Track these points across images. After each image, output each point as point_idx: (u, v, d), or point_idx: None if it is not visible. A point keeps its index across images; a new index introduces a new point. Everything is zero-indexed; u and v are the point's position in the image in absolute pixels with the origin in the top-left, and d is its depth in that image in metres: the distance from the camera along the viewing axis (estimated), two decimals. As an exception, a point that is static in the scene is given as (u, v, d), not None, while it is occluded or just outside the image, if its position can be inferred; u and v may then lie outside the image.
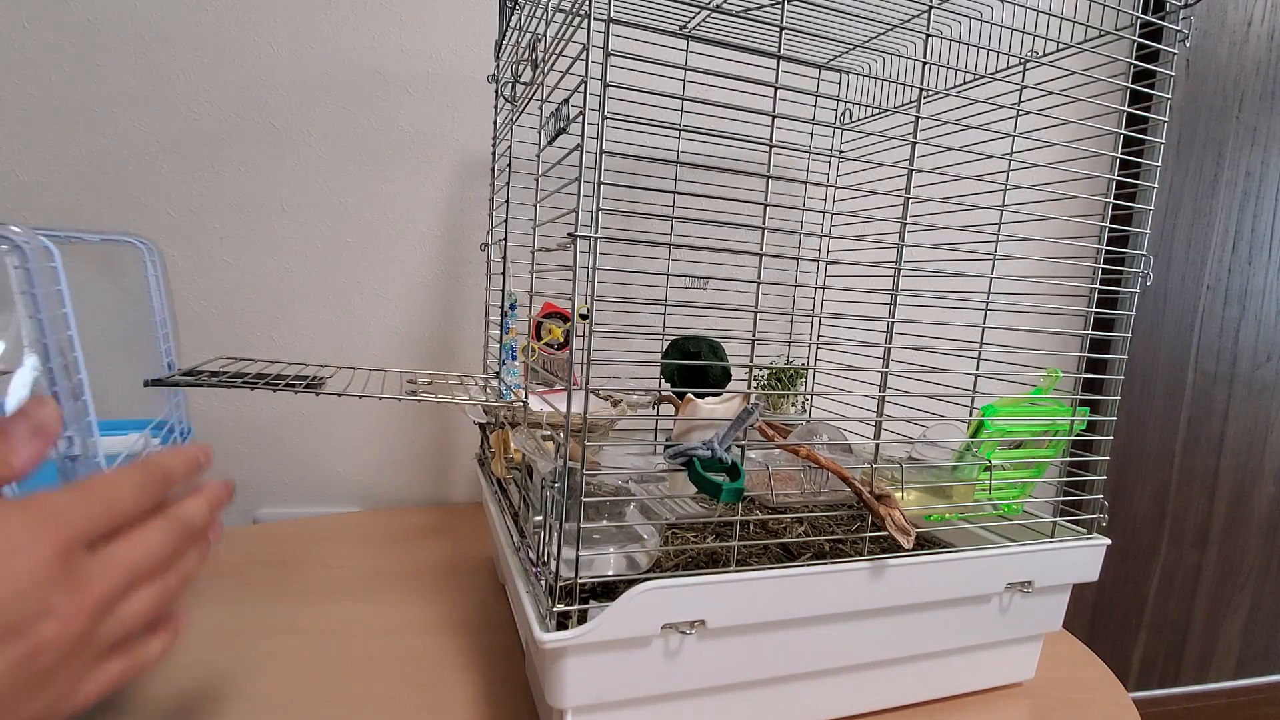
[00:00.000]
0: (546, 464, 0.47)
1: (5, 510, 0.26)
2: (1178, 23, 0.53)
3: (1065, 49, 0.57)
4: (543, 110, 0.51)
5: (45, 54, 0.77)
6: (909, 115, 0.49)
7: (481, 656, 0.57)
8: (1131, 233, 0.54)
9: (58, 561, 0.26)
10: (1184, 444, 1.39)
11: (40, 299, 0.33)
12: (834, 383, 0.78)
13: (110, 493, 0.29)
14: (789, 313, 0.93)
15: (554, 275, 0.49)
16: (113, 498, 0.29)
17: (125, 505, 0.29)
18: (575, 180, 0.38)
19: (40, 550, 0.25)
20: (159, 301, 0.61)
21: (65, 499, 0.28)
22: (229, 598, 0.65)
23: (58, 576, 0.26)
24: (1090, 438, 0.57)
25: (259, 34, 0.82)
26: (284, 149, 0.85)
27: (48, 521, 0.26)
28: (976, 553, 0.51)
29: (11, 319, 0.35)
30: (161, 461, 0.32)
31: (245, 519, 0.88)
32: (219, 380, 0.51)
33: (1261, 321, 1.40)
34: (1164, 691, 1.48)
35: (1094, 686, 0.60)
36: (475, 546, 0.80)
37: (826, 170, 0.90)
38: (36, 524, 0.26)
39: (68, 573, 0.26)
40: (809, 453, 0.49)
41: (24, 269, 0.32)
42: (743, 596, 0.44)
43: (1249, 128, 1.32)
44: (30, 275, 0.32)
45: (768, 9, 0.59)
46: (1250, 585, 1.51)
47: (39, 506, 0.26)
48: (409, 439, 0.94)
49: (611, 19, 0.37)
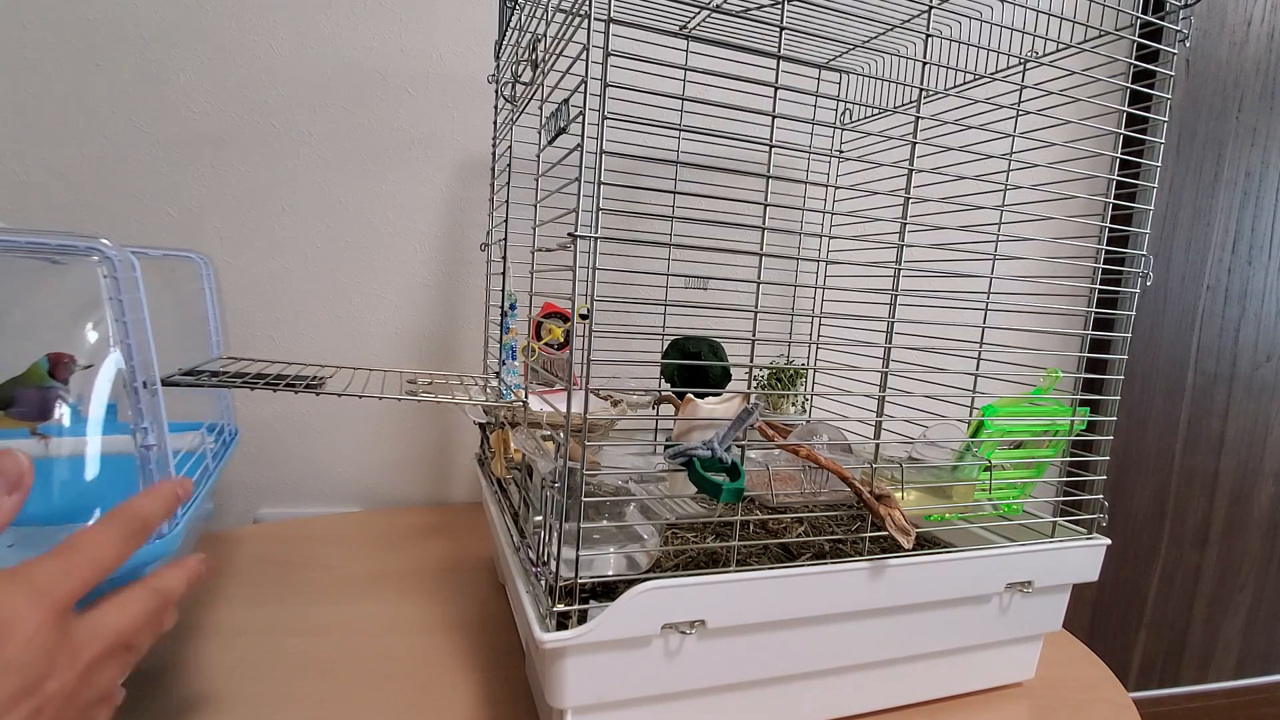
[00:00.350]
0: (546, 464, 0.47)
1: (2, 583, 0.28)
2: (1178, 23, 0.53)
3: (1065, 49, 0.57)
4: (543, 110, 0.51)
5: (45, 54, 0.77)
6: (909, 115, 0.49)
7: (481, 656, 0.57)
8: (1131, 233, 0.54)
9: (56, 626, 0.28)
10: (1184, 444, 1.39)
11: (125, 304, 0.37)
12: (834, 383, 0.78)
13: (94, 552, 0.31)
14: (789, 313, 0.93)
15: (554, 275, 0.49)
16: (96, 557, 0.31)
17: (109, 562, 0.31)
18: (575, 180, 0.38)
19: (41, 617, 0.28)
20: (213, 310, 0.66)
21: (55, 566, 0.30)
22: (229, 598, 0.65)
23: (57, 640, 0.28)
24: (1090, 438, 0.57)
25: (259, 34, 0.82)
26: (284, 149, 0.85)
27: (43, 590, 0.28)
28: (976, 553, 0.51)
29: (101, 319, 0.41)
30: (139, 510, 0.34)
31: (245, 519, 0.88)
32: (219, 380, 0.52)
33: (1261, 321, 1.40)
34: (1164, 691, 1.48)
35: (1094, 686, 0.60)
36: (475, 546, 0.80)
37: (826, 170, 0.90)
38: (34, 593, 0.28)
39: (63, 636, 0.29)
40: (809, 453, 0.49)
41: (113, 278, 0.37)
42: (743, 596, 0.44)
43: (1249, 128, 1.32)
44: (118, 284, 0.37)
45: (768, 9, 0.59)
46: (1250, 585, 1.51)
47: (32, 576, 0.29)
48: (409, 439, 0.94)
49: (611, 19, 0.37)
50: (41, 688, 0.28)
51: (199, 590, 0.65)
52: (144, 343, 0.38)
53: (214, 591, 0.66)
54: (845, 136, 0.87)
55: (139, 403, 0.38)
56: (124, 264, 0.37)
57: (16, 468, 0.30)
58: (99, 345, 0.44)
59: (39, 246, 0.37)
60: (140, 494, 0.35)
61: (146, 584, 0.34)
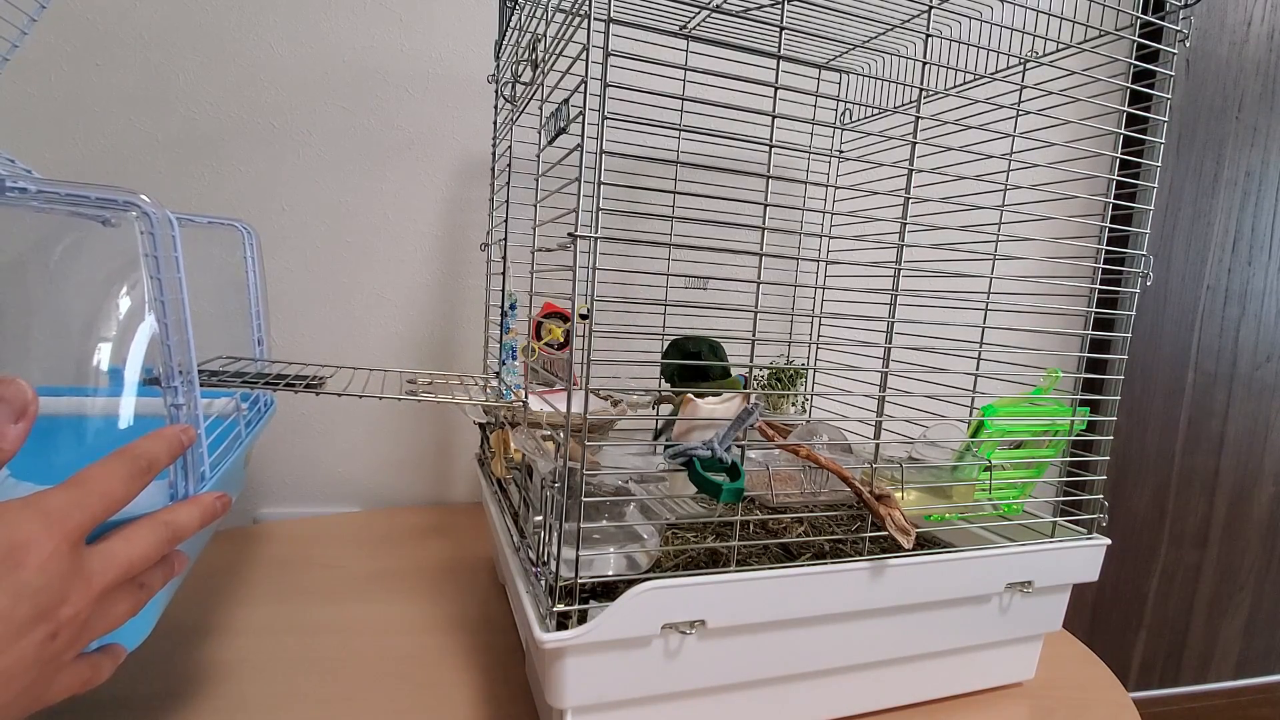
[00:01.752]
0: (546, 464, 0.47)
1: (17, 509, 0.28)
2: (1178, 23, 0.53)
3: (1065, 49, 0.57)
4: (543, 110, 0.51)
5: (45, 54, 0.77)
6: (909, 115, 0.49)
7: (481, 656, 0.57)
8: (1131, 233, 0.54)
9: (69, 553, 0.29)
10: (1184, 444, 1.39)
11: (161, 261, 0.37)
12: (834, 383, 0.78)
13: (103, 486, 0.31)
14: (789, 313, 0.93)
15: (554, 275, 0.49)
16: (105, 491, 0.31)
17: (118, 496, 0.32)
18: (575, 180, 0.38)
19: (55, 544, 0.28)
20: (254, 280, 0.65)
21: (66, 496, 0.30)
22: (229, 598, 0.65)
23: (70, 567, 0.29)
24: (1090, 438, 0.57)
25: (259, 34, 0.82)
26: (284, 149, 0.85)
27: (55, 518, 0.29)
28: (976, 553, 0.51)
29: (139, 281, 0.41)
30: (145, 450, 0.34)
31: (245, 519, 0.88)
32: (218, 380, 0.51)
33: (1261, 321, 1.40)
34: (1164, 691, 1.48)
35: (1094, 686, 0.60)
36: (475, 546, 0.80)
37: (826, 170, 0.90)
38: (48, 520, 0.28)
39: (76, 563, 0.29)
40: (809, 453, 0.49)
41: (150, 234, 0.37)
42: (743, 596, 0.44)
43: (1249, 128, 1.32)
44: (154, 240, 0.37)
45: (768, 9, 0.59)
46: (1250, 585, 1.51)
47: (45, 504, 0.29)
48: (409, 439, 0.94)
49: (611, 19, 0.37)
50: (56, 613, 0.28)
51: (199, 590, 0.65)
52: (177, 302, 0.38)
53: (214, 591, 0.66)
54: (845, 136, 0.87)
55: (170, 361, 0.38)
56: (161, 221, 0.37)
57: (21, 396, 0.30)
58: (136, 306, 0.46)
59: (79, 200, 0.36)
60: (145, 436, 0.35)
61: (156, 518, 0.34)
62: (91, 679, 0.33)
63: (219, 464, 0.44)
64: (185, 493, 0.39)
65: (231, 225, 0.64)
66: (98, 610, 0.31)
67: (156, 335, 0.37)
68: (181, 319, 0.38)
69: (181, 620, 0.60)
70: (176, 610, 0.61)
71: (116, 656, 0.35)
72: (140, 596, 0.34)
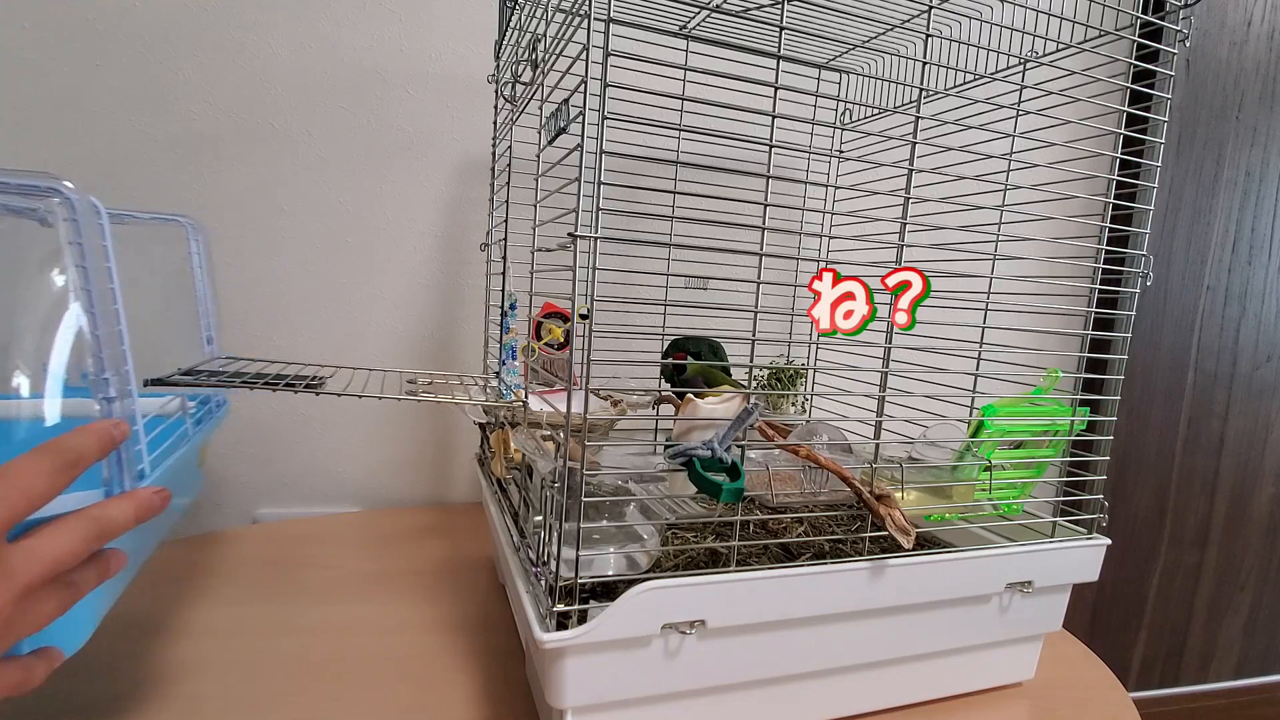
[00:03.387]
0: (546, 464, 0.47)
1: None
2: (1178, 23, 0.53)
3: (1065, 49, 0.57)
4: (543, 110, 0.51)
5: (45, 54, 0.77)
6: (909, 115, 0.49)
7: (481, 656, 0.57)
8: (1131, 233, 0.54)
9: None
10: (1184, 444, 1.39)
11: (86, 249, 0.35)
12: (834, 383, 0.78)
13: (26, 480, 0.30)
14: (789, 313, 0.93)
15: (554, 275, 0.49)
16: (28, 486, 0.30)
17: (41, 491, 0.31)
18: (575, 180, 0.38)
19: None
20: (201, 277, 0.62)
21: None
22: (229, 598, 0.65)
23: None
24: (1090, 438, 0.57)
25: (258, 34, 0.82)
26: (284, 149, 0.85)
27: None
28: (976, 553, 0.51)
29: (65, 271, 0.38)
30: (73, 444, 0.33)
31: (245, 519, 0.88)
32: (218, 380, 0.51)
33: (1261, 321, 1.40)
34: (1164, 691, 1.48)
35: (1094, 686, 0.60)
36: (475, 546, 0.80)
37: (826, 170, 0.90)
38: None
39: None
40: (809, 453, 0.49)
41: (73, 220, 0.35)
42: (743, 596, 0.44)
43: (1249, 128, 1.32)
44: (79, 227, 0.35)
45: (768, 9, 0.59)
46: (1250, 585, 1.51)
47: None
48: (409, 439, 0.94)
49: (611, 19, 0.37)
50: None
51: (198, 591, 0.65)
52: (106, 291, 0.35)
53: (213, 592, 0.66)
54: (845, 136, 0.87)
55: (100, 353, 0.35)
56: (86, 207, 0.35)
57: None
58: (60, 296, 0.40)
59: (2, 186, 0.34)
60: (74, 430, 0.34)
61: (84, 513, 0.33)
62: (24, 682, 0.32)
63: (160, 462, 0.42)
64: (122, 490, 0.37)
65: (175, 221, 0.61)
66: (21, 610, 0.29)
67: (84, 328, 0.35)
68: (111, 310, 0.36)
69: (181, 620, 0.60)
70: (175, 611, 0.61)
71: (52, 659, 0.34)
72: (68, 596, 0.32)
